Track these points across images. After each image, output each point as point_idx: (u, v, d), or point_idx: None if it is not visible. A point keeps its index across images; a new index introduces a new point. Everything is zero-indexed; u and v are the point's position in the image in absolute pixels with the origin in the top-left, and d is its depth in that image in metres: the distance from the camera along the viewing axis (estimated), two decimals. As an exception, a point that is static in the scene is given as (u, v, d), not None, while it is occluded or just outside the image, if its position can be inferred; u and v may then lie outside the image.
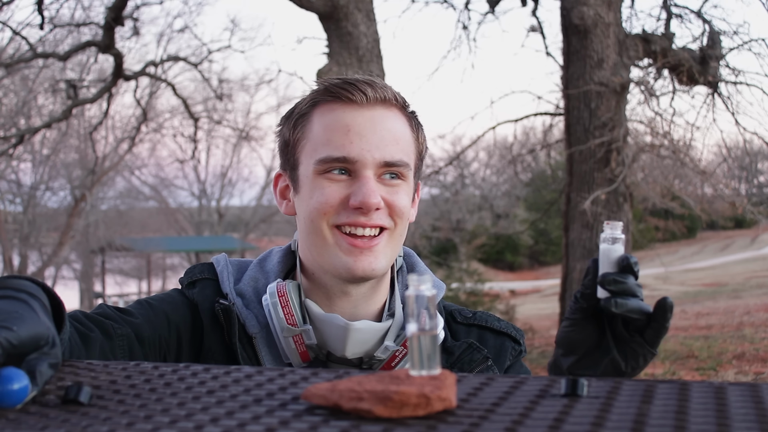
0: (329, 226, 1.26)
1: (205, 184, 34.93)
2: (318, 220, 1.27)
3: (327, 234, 1.27)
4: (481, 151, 32.63)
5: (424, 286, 0.82)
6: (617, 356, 1.07)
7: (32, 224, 21.13)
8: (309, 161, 1.28)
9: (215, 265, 1.37)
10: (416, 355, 0.82)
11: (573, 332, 1.09)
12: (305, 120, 1.31)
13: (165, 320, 1.28)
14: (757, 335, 11.56)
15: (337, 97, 1.28)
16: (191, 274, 1.36)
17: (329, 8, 8.51)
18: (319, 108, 1.30)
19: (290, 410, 0.78)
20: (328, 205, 1.25)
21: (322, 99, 1.30)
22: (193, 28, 26.82)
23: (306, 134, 1.30)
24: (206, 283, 1.34)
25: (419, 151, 1.35)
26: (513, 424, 0.72)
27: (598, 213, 10.49)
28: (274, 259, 1.38)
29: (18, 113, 16.90)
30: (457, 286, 13.32)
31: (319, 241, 1.28)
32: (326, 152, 1.26)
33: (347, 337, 1.26)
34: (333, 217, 1.26)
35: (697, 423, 0.72)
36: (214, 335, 1.29)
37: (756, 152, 25.26)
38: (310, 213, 1.27)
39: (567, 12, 10.58)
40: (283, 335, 1.27)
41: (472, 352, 1.35)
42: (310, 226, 1.28)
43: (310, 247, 1.31)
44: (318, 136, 1.28)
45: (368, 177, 1.25)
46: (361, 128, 1.26)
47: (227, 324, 1.28)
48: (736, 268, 26.15)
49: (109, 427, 0.73)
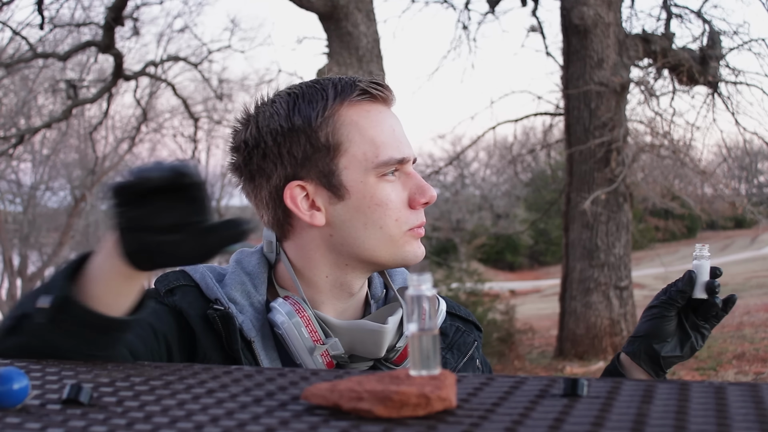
0: (402, 233, 1.29)
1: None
2: (389, 227, 1.28)
3: (399, 239, 1.29)
4: (481, 151, 32.64)
5: (424, 286, 0.82)
6: (693, 339, 1.42)
7: (32, 224, 21.11)
8: (362, 165, 1.26)
9: (191, 272, 1.34)
10: (416, 355, 0.82)
11: (665, 324, 1.41)
12: (342, 123, 1.27)
13: (152, 332, 1.24)
14: (757, 335, 11.55)
15: (374, 97, 1.29)
16: (166, 281, 1.32)
17: (329, 8, 8.51)
18: (355, 109, 1.28)
19: (290, 410, 0.78)
20: (397, 210, 1.28)
21: (357, 99, 1.28)
22: (193, 28, 26.81)
23: (350, 137, 1.26)
24: (186, 289, 1.31)
25: None
26: (513, 424, 0.72)
27: (598, 213, 10.49)
28: (252, 260, 1.36)
29: (18, 113, 16.89)
30: (457, 286, 13.31)
31: (386, 243, 1.29)
32: (388, 154, 1.26)
33: (383, 340, 1.28)
34: (404, 222, 1.29)
35: (697, 423, 0.72)
36: (208, 342, 1.26)
37: (756, 152, 25.24)
38: (378, 220, 1.27)
39: (567, 12, 10.58)
40: (311, 355, 1.26)
41: (462, 335, 1.44)
42: (378, 233, 1.28)
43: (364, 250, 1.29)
44: (371, 139, 1.27)
45: (417, 174, 1.31)
46: (397, 127, 1.31)
47: (226, 330, 1.26)
48: (736, 268, 26.13)
49: (109, 427, 0.73)
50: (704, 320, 1.43)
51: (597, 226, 10.59)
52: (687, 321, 1.43)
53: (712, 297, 1.40)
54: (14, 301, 16.57)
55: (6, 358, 1.03)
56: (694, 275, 1.41)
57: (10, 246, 18.84)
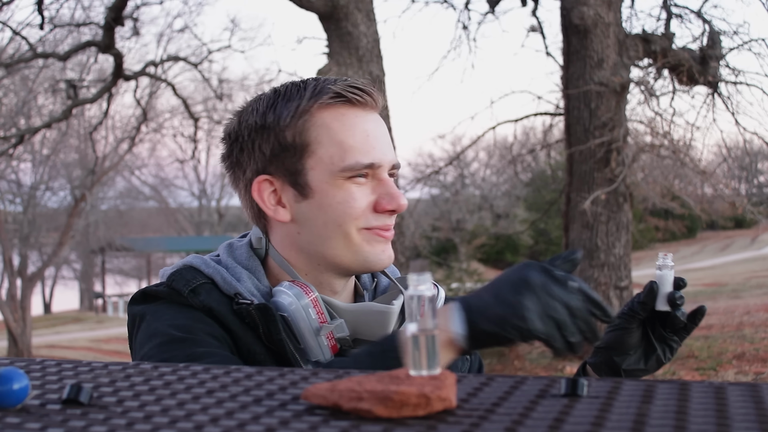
0: (358, 230, 1.29)
1: (205, 184, 34.98)
2: (347, 225, 1.28)
3: (355, 236, 1.29)
4: (481, 151, 32.67)
5: (423, 286, 0.82)
6: (660, 351, 1.37)
7: (32, 224, 21.11)
8: (328, 167, 1.28)
9: (202, 267, 1.32)
10: (416, 355, 0.82)
11: (626, 336, 1.36)
12: (312, 124, 1.29)
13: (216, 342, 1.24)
14: (757, 335, 11.55)
15: (349, 101, 1.29)
16: (184, 281, 1.29)
17: (329, 8, 8.51)
18: (329, 111, 1.29)
19: (290, 410, 0.78)
20: (359, 210, 1.28)
21: (330, 102, 1.29)
22: (193, 28, 26.82)
23: (319, 139, 1.28)
24: (207, 287, 1.30)
25: None
26: (513, 424, 0.72)
27: (598, 213, 10.49)
28: (243, 253, 1.36)
29: (18, 113, 16.89)
30: (457, 286, 13.33)
31: (344, 242, 1.29)
32: (355, 158, 1.27)
33: (390, 321, 1.29)
34: (363, 221, 1.28)
35: (697, 423, 0.72)
36: (247, 337, 1.26)
37: (756, 152, 25.25)
38: (338, 218, 1.28)
39: (567, 12, 10.58)
40: (317, 336, 1.26)
41: None
42: (336, 231, 1.29)
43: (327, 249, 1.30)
44: (340, 142, 1.28)
45: (391, 180, 1.30)
46: (375, 132, 1.30)
47: (267, 322, 1.24)
48: (736, 268, 26.14)
49: (109, 427, 0.73)
50: (672, 332, 1.37)
51: (597, 226, 10.59)
52: (654, 333, 1.37)
53: (674, 309, 1.33)
54: (14, 301, 16.58)
55: None
56: (656, 286, 1.34)
57: (10, 246, 18.83)
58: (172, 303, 1.29)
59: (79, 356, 16.53)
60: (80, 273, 33.39)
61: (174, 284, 1.29)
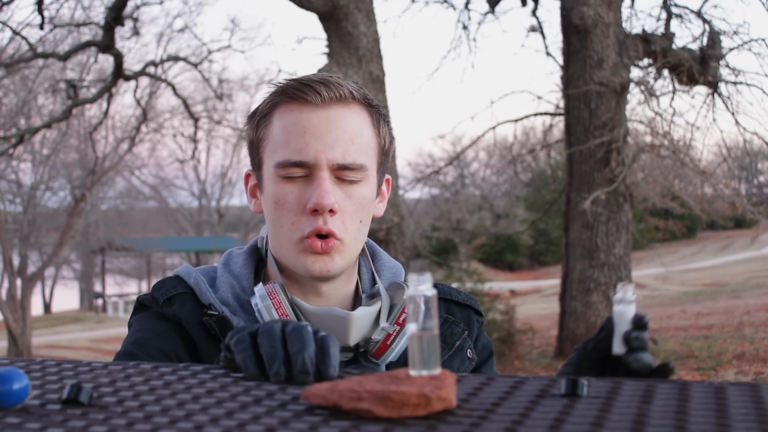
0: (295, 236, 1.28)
1: (205, 184, 34.95)
2: (283, 224, 1.29)
3: (291, 241, 1.29)
4: (481, 151, 32.67)
5: (423, 286, 0.82)
6: None
7: (32, 224, 21.11)
8: (270, 162, 1.30)
9: (185, 278, 1.35)
10: (416, 355, 0.82)
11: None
12: (266, 121, 1.32)
13: (164, 357, 1.27)
14: (757, 335, 11.55)
15: (294, 97, 1.29)
16: (163, 290, 1.33)
17: (329, 8, 8.51)
18: (279, 109, 1.31)
19: (290, 410, 0.78)
20: (288, 208, 1.28)
21: (280, 100, 1.31)
22: (193, 28, 26.84)
23: (267, 135, 1.31)
24: (184, 297, 1.32)
25: (382, 146, 1.35)
26: (513, 424, 0.72)
27: (598, 213, 10.49)
28: (239, 261, 1.38)
29: (18, 113, 16.89)
30: (457, 286, 13.34)
31: (283, 242, 1.30)
32: (284, 155, 1.28)
33: (349, 327, 1.27)
34: (298, 227, 1.27)
35: (697, 423, 0.72)
36: (209, 349, 1.28)
37: (756, 152, 25.26)
38: (274, 215, 1.30)
39: (567, 12, 10.58)
40: None
41: (450, 326, 1.42)
42: (277, 228, 1.31)
43: (276, 247, 1.33)
44: (277, 138, 1.29)
45: (323, 178, 1.26)
46: (316, 129, 1.27)
47: (223, 334, 1.27)
48: (736, 268, 26.14)
49: (109, 427, 0.73)
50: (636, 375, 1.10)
51: (597, 226, 10.59)
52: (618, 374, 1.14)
53: (631, 354, 1.06)
54: (14, 301, 16.58)
55: None
56: (611, 326, 1.09)
57: (10, 246, 18.83)
58: (152, 313, 1.34)
59: (79, 356, 16.53)
60: (80, 273, 33.39)
61: (154, 293, 1.35)
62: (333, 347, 0.94)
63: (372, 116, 1.34)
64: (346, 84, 1.30)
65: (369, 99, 1.34)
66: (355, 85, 1.32)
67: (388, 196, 1.43)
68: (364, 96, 1.33)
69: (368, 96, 1.34)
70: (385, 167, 1.38)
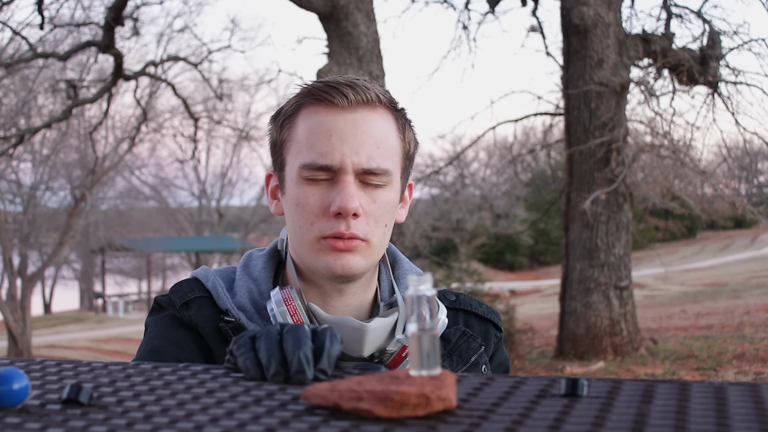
0: (315, 237, 1.27)
1: (205, 184, 34.93)
2: (304, 226, 1.27)
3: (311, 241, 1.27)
4: (481, 151, 32.69)
5: (424, 286, 0.82)
6: None
7: (32, 224, 21.10)
8: (294, 164, 1.29)
9: (203, 281, 1.34)
10: (416, 355, 0.82)
11: None
12: (291, 122, 1.31)
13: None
14: (757, 335, 11.56)
15: (320, 100, 1.28)
16: (181, 293, 1.32)
17: (329, 8, 8.52)
18: (304, 110, 1.30)
19: (290, 410, 0.78)
20: (310, 211, 1.26)
21: (306, 101, 1.30)
22: (193, 28, 26.84)
23: (291, 136, 1.30)
24: (202, 301, 1.31)
25: (406, 151, 1.34)
26: (513, 424, 0.72)
27: (598, 213, 10.50)
28: (258, 264, 1.37)
29: (18, 113, 16.88)
30: (457, 286, 13.33)
31: (303, 243, 1.29)
32: (310, 158, 1.26)
33: (364, 338, 1.26)
34: (318, 227, 1.26)
35: (697, 423, 0.72)
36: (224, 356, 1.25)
37: (756, 152, 25.26)
38: (296, 217, 1.28)
39: (567, 12, 10.58)
40: None
41: (467, 340, 1.38)
42: (298, 231, 1.29)
43: (296, 248, 1.31)
44: (302, 140, 1.28)
45: (348, 182, 1.25)
46: (342, 132, 1.26)
47: None
48: (736, 268, 26.14)
49: (109, 427, 0.73)
50: None
51: (597, 226, 10.59)
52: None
53: None
54: (14, 301, 16.58)
55: None
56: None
57: (10, 246, 18.82)
58: (168, 316, 1.32)
59: (79, 356, 16.52)
60: (80, 273, 33.38)
61: (172, 295, 1.33)
62: (331, 344, 0.93)
63: (397, 121, 1.32)
64: (372, 87, 1.29)
65: (395, 103, 1.33)
66: (381, 89, 1.31)
67: (410, 201, 1.41)
68: (390, 100, 1.32)
69: (394, 100, 1.33)
70: (408, 172, 1.37)
